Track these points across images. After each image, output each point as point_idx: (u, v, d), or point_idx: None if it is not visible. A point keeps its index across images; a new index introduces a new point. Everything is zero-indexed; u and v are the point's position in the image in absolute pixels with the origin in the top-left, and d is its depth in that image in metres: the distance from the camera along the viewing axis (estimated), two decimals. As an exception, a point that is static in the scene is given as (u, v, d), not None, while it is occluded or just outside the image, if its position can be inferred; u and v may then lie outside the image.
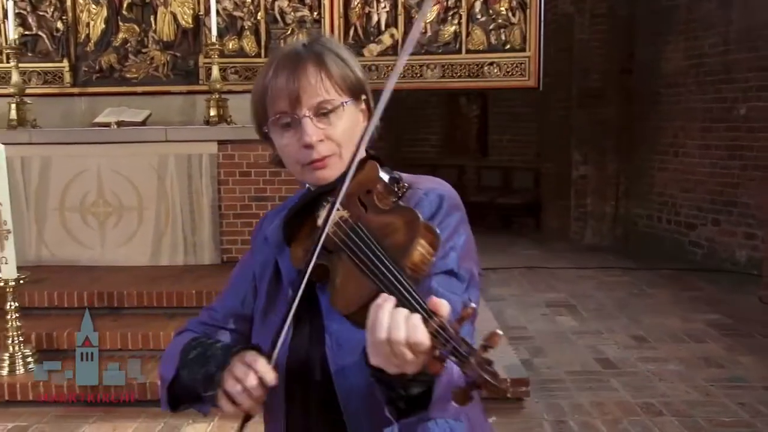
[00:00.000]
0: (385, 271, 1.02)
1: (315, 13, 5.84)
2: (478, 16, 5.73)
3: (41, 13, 5.81)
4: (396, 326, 0.92)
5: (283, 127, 1.24)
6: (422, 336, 0.91)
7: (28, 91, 5.55)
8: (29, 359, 4.04)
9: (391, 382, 0.98)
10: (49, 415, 3.79)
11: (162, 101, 5.78)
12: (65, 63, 5.77)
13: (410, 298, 0.97)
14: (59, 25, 5.80)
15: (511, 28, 5.70)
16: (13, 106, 5.37)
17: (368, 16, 5.84)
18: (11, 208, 5.17)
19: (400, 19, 5.77)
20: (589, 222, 8.68)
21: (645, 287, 6.63)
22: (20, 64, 5.47)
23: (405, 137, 10.50)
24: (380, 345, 0.93)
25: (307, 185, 1.31)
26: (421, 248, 1.06)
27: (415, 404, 1.00)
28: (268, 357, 1.14)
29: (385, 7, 5.80)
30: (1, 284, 3.93)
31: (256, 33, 5.86)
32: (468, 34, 5.73)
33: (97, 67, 5.83)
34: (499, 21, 5.71)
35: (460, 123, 10.40)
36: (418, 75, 5.79)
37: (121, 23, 5.85)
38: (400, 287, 0.99)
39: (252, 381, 1.11)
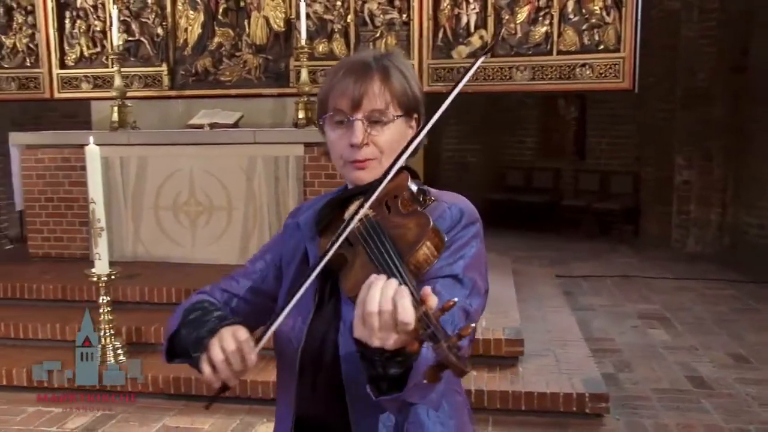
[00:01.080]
0: (390, 263, 1.15)
1: (404, 15, 5.82)
2: (571, 16, 5.54)
3: (143, 20, 6.07)
4: (386, 301, 1.02)
5: (337, 123, 1.37)
6: (410, 316, 1.00)
7: (129, 94, 5.83)
8: (119, 351, 4.23)
9: (373, 360, 1.07)
10: (134, 406, 3.95)
11: (254, 104, 5.93)
12: (164, 67, 6.02)
13: (406, 287, 1.06)
14: (159, 30, 6.05)
15: (605, 27, 5.47)
16: (116, 108, 5.64)
17: (457, 17, 5.76)
18: (111, 206, 5.48)
19: (490, 21, 5.66)
20: (691, 230, 8.25)
21: (751, 302, 6.22)
22: (123, 69, 5.76)
23: (501, 139, 10.33)
24: (370, 317, 1.02)
25: (346, 184, 1.45)
26: (426, 249, 1.19)
27: (395, 386, 1.08)
28: (258, 339, 1.23)
29: (474, 8, 5.71)
30: (95, 279, 4.12)
31: (346, 35, 5.90)
32: (559, 34, 5.55)
33: (193, 71, 6.05)
34: (593, 21, 5.50)
35: (557, 125, 10.12)
36: (507, 77, 5.66)
37: (216, 28, 6.04)
38: (400, 278, 1.10)
39: (235, 354, 1.19)
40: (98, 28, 6.10)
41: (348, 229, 1.24)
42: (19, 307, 4.80)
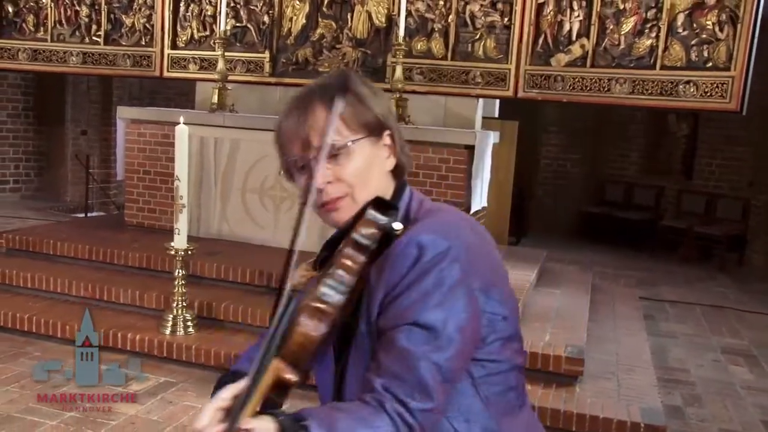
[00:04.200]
0: (263, 356, 1.11)
1: (506, 19, 5.75)
2: (680, 30, 5.29)
3: (252, 7, 6.28)
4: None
5: (300, 169, 1.28)
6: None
7: (231, 78, 6.05)
8: (189, 323, 4.43)
9: None
10: (194, 377, 4.12)
11: (349, 96, 6.01)
12: (267, 54, 6.20)
13: (242, 399, 1.08)
14: (266, 18, 6.25)
15: (717, 44, 5.20)
16: (216, 91, 5.88)
17: (560, 24, 5.62)
18: (202, 184, 5.72)
19: (593, 30, 5.49)
20: (800, 265, 7.72)
21: None
22: (228, 53, 5.98)
23: (604, 151, 10.01)
24: None
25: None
26: (298, 335, 1.10)
27: None
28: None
29: (578, 16, 5.56)
30: (172, 252, 4.32)
31: (445, 35, 5.88)
32: (665, 48, 5.31)
33: (294, 60, 6.21)
34: (704, 36, 5.23)
35: (665, 142, 9.70)
36: (606, 89, 5.48)
37: (320, 19, 6.17)
38: (252, 383, 1.09)
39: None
40: (209, 13, 6.36)
41: (281, 300, 1.16)
42: (107, 270, 5.11)
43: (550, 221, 9.84)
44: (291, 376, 1.10)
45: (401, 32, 5.52)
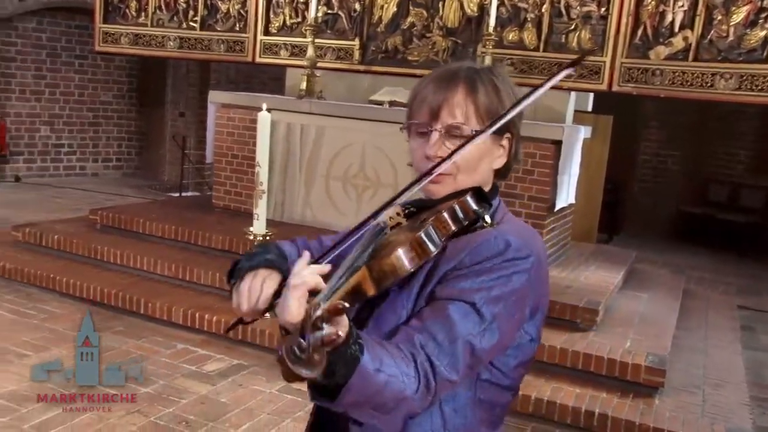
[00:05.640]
0: (352, 261, 1.18)
1: (602, 9, 5.51)
2: (801, 20, 4.91)
3: (341, -6, 6.29)
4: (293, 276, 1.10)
5: (418, 132, 1.34)
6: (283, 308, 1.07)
7: (320, 64, 6.08)
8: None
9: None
10: (266, 362, 4.18)
11: (437, 85, 5.92)
12: (357, 41, 6.19)
13: (335, 282, 1.12)
14: (357, 6, 6.23)
15: None
16: (305, 77, 5.91)
17: (662, 15, 5.34)
18: (287, 169, 5.79)
19: (698, 20, 5.19)
20: None
21: None
22: (318, 40, 6.01)
23: (708, 149, 9.47)
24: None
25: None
26: (395, 258, 1.16)
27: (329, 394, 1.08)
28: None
29: (682, 5, 5.26)
30: (251, 237, 4.37)
31: (538, 26, 5.70)
32: (783, 40, 4.95)
33: (383, 48, 6.17)
34: (831, 26, 4.84)
35: (780, 139, 9.09)
36: (708, 84, 5.16)
37: (411, 8, 6.09)
38: (338, 277, 1.14)
39: (252, 296, 1.27)
40: (302, 0, 6.41)
41: (364, 226, 1.27)
42: (191, 251, 5.26)
43: (646, 220, 9.43)
44: (370, 288, 1.15)
45: (492, 22, 5.38)
